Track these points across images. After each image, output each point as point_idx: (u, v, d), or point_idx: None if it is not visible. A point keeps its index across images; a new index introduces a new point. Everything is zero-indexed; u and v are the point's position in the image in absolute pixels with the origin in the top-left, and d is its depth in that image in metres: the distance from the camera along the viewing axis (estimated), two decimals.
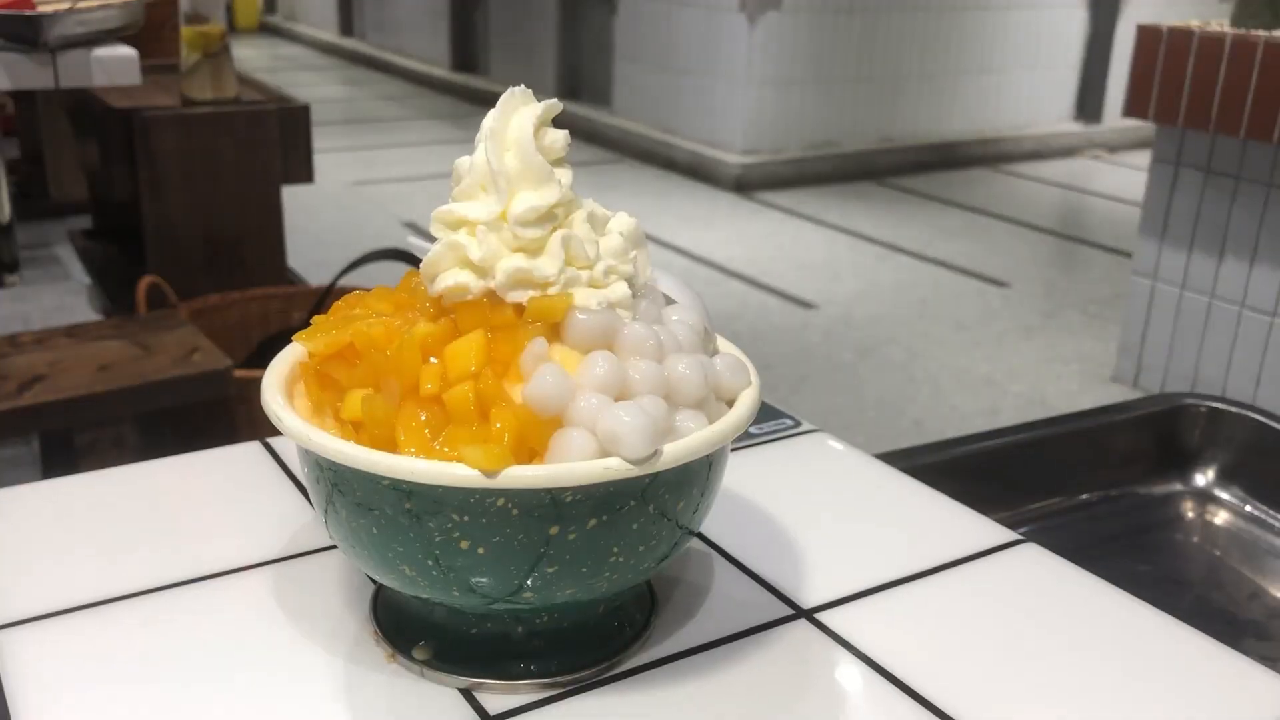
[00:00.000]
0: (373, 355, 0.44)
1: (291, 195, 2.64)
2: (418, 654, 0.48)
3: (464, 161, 0.46)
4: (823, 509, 0.62)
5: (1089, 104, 5.51)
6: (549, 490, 0.41)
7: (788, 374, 2.68)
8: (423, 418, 0.42)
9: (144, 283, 1.99)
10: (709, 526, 0.60)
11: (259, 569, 0.55)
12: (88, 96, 2.23)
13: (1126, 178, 4.83)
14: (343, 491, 0.44)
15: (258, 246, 2.24)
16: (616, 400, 0.43)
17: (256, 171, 2.19)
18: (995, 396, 2.58)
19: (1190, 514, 0.92)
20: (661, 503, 0.44)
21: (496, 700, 0.47)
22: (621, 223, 0.48)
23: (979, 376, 2.70)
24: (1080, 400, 2.57)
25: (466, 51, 6.75)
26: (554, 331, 0.45)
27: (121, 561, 0.55)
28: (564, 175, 0.46)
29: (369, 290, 0.49)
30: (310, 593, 0.53)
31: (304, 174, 2.29)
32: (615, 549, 0.44)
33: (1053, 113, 5.45)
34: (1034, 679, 0.49)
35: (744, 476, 0.65)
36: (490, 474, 0.40)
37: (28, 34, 1.45)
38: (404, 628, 0.49)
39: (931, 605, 0.54)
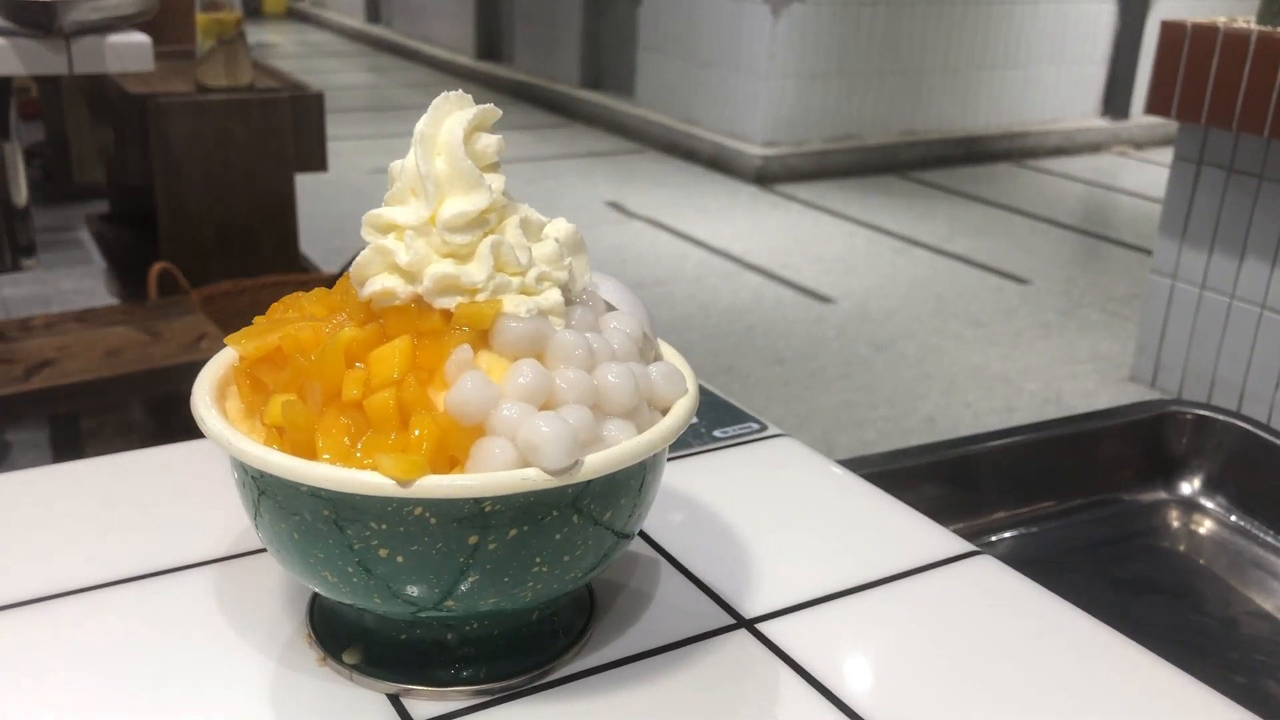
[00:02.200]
0: (298, 360, 0.44)
1: (309, 182, 2.65)
2: (347, 658, 0.48)
3: (396, 165, 0.46)
4: (778, 516, 0.62)
5: (1116, 100, 5.45)
6: (466, 500, 0.41)
7: (801, 368, 2.67)
8: (345, 423, 0.42)
9: (155, 269, 2.00)
10: (658, 532, 0.59)
11: (202, 568, 0.55)
12: (104, 82, 2.24)
13: (1152, 175, 4.77)
14: (267, 496, 0.43)
15: (271, 233, 2.25)
16: (542, 409, 0.43)
17: (270, 158, 2.20)
18: (1010, 395, 2.56)
19: (1175, 523, 0.91)
20: (587, 512, 0.44)
21: (425, 706, 0.46)
22: (558, 228, 0.48)
23: (994, 374, 2.67)
24: (1097, 400, 2.54)
25: (491, 40, 6.76)
26: (483, 339, 0.44)
27: (61, 559, 0.55)
28: (495, 181, 0.45)
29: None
30: (251, 593, 0.53)
31: (317, 162, 2.29)
32: (538, 559, 0.43)
33: (1079, 108, 5.39)
34: (972, 696, 0.48)
35: (702, 481, 0.64)
36: (404, 483, 0.40)
37: (42, 20, 1.46)
38: (336, 631, 0.49)
39: (874, 618, 0.53)
